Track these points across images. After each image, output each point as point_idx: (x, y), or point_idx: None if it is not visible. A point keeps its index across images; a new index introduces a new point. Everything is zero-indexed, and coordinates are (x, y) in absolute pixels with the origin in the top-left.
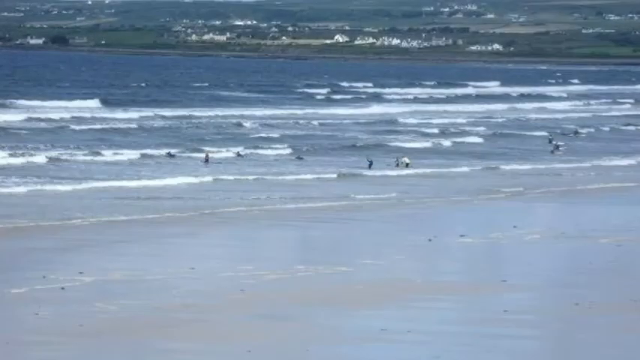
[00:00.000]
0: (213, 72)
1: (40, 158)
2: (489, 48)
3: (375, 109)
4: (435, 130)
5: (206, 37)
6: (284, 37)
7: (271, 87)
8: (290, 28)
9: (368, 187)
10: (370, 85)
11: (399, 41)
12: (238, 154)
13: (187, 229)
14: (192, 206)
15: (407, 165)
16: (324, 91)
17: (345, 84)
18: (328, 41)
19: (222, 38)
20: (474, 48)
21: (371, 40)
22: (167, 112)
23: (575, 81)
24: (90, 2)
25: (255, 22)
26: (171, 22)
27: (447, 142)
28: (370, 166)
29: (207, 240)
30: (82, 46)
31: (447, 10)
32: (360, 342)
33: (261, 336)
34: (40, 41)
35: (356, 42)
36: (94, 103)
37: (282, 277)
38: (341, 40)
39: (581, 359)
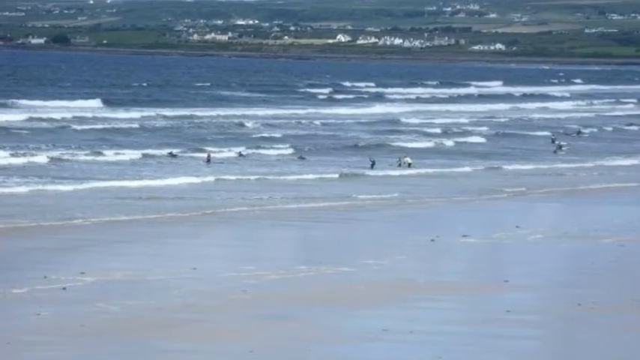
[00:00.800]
0: (215, 72)
1: (42, 158)
2: (492, 48)
3: (378, 108)
4: (438, 130)
5: (208, 36)
6: (286, 37)
7: (273, 87)
8: (292, 28)
9: (370, 187)
10: (372, 84)
11: (401, 41)
12: (240, 154)
13: (189, 229)
14: (194, 206)
15: (409, 165)
16: (327, 90)
17: (347, 84)
18: (330, 41)
19: (224, 38)
20: (476, 48)
21: (373, 39)
22: (169, 112)
23: (578, 81)
24: (91, 2)
25: (257, 21)
26: (172, 22)
27: (449, 142)
28: (372, 166)
29: (208, 240)
30: (84, 46)
31: (449, 9)
32: (361, 342)
33: (263, 336)
34: (41, 41)
35: (358, 42)
36: (96, 102)
37: (284, 277)
38: (343, 39)
39: (583, 359)
